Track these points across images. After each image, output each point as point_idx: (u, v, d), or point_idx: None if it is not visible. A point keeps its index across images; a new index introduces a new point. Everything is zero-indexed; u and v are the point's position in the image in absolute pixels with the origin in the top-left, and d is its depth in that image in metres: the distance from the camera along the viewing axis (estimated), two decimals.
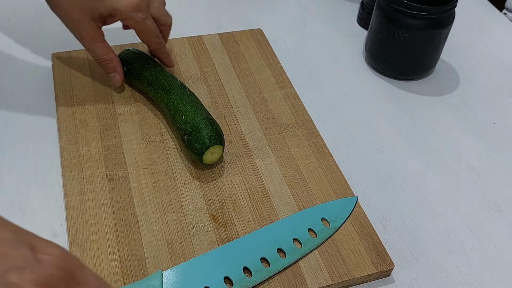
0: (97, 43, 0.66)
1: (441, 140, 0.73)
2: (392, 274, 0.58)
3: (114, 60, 0.68)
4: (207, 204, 0.60)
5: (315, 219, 0.59)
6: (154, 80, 0.68)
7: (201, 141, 0.61)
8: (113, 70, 0.69)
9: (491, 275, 0.59)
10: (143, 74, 0.69)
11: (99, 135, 0.67)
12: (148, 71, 0.69)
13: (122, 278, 0.53)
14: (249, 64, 0.79)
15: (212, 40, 0.83)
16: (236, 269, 0.53)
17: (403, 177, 0.68)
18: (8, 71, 0.77)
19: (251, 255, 0.55)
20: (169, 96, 0.66)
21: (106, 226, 0.57)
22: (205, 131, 0.61)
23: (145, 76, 0.69)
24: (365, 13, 0.90)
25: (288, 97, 0.75)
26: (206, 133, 0.61)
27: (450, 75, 0.85)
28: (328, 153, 0.67)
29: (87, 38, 0.65)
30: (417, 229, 0.62)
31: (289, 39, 0.88)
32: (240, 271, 0.53)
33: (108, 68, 0.69)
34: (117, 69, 0.69)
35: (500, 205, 0.66)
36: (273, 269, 0.54)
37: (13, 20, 0.85)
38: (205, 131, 0.61)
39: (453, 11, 0.76)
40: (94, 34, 0.65)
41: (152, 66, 0.70)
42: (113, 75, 0.69)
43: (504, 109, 0.79)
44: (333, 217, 0.59)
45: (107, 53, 0.67)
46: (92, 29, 0.64)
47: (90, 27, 0.64)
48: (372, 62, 0.83)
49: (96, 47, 0.66)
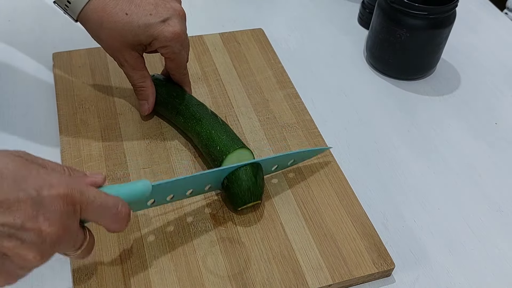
0: (137, 71, 0.65)
1: (442, 140, 0.73)
2: (393, 274, 0.58)
3: (149, 89, 0.67)
4: (207, 204, 0.60)
5: (286, 160, 0.63)
6: (184, 109, 0.66)
7: (241, 196, 0.58)
8: (144, 98, 0.68)
9: (492, 275, 0.59)
10: (171, 102, 0.67)
11: (100, 135, 0.67)
12: (177, 99, 0.67)
13: (122, 278, 0.53)
14: (250, 64, 0.79)
15: (213, 40, 0.83)
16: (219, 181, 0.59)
17: (404, 177, 0.68)
18: (9, 70, 0.77)
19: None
20: (200, 126, 0.63)
21: None
22: (246, 184, 0.57)
23: (173, 105, 0.67)
24: (366, 13, 0.90)
25: (289, 97, 0.75)
26: (248, 187, 0.57)
27: (451, 75, 0.84)
28: (329, 153, 0.67)
29: (128, 66, 0.65)
30: (418, 229, 0.62)
31: (290, 39, 0.88)
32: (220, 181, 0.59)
33: (140, 95, 0.68)
34: (149, 98, 0.67)
35: (501, 205, 0.66)
36: None
37: (14, 20, 0.86)
38: (247, 184, 0.57)
39: (454, 11, 0.76)
40: (134, 62, 0.64)
41: (180, 94, 0.68)
42: (143, 103, 0.68)
43: (505, 109, 0.79)
44: (300, 159, 0.65)
45: (144, 81, 0.66)
46: (133, 57, 0.64)
47: (131, 56, 0.63)
48: (373, 62, 0.83)
49: (135, 74, 0.65)
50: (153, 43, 0.62)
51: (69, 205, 0.41)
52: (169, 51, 0.63)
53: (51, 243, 0.40)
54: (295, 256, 0.56)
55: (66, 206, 0.41)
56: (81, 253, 0.46)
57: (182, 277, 0.54)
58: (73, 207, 0.42)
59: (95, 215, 0.44)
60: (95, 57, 0.77)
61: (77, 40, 0.71)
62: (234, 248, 0.57)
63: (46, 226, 0.40)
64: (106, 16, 0.60)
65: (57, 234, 0.40)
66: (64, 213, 0.41)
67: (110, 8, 0.60)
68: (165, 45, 0.62)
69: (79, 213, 0.43)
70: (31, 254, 0.39)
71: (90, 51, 0.78)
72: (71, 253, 0.45)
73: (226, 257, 0.56)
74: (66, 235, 0.42)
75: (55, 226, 0.40)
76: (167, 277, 0.54)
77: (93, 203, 0.43)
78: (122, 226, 0.47)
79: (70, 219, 0.42)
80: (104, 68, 0.76)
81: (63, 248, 0.44)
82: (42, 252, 0.40)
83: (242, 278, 0.54)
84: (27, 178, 0.40)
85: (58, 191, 0.41)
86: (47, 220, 0.40)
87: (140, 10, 0.60)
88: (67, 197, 0.41)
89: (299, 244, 0.57)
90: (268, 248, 0.57)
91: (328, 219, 0.60)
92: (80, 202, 0.42)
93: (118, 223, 0.46)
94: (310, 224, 0.59)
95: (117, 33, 0.61)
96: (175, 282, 0.53)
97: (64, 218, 0.41)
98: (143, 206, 0.54)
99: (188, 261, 0.55)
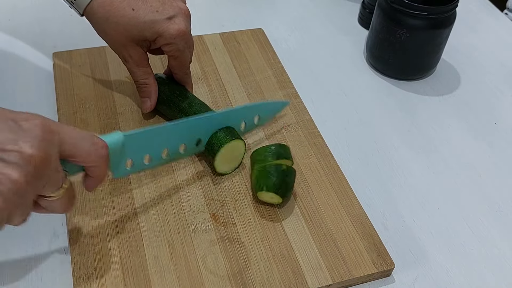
0: (140, 67, 0.66)
1: (442, 140, 0.73)
2: (392, 274, 0.58)
3: (152, 86, 0.67)
4: (207, 204, 0.61)
5: (250, 115, 0.66)
6: (187, 107, 0.66)
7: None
8: (147, 96, 0.68)
9: (491, 275, 0.59)
10: (174, 101, 0.67)
11: (100, 135, 0.67)
12: (180, 98, 0.67)
13: (122, 278, 0.53)
14: (250, 64, 0.79)
15: (213, 39, 0.83)
16: (191, 139, 0.61)
17: (404, 177, 0.68)
18: (9, 70, 0.77)
19: (201, 130, 0.61)
20: None
21: (107, 226, 0.57)
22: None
23: (176, 103, 0.67)
24: (366, 12, 0.90)
25: (289, 97, 0.75)
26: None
27: (451, 75, 0.85)
28: (328, 153, 0.67)
29: (132, 62, 0.65)
30: (417, 229, 0.62)
31: (290, 39, 0.88)
32: (193, 142, 0.62)
33: (143, 92, 0.68)
34: (151, 95, 0.68)
35: (500, 205, 0.66)
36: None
37: (14, 19, 0.86)
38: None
39: (454, 11, 0.76)
40: (138, 59, 0.65)
41: (183, 93, 0.68)
42: (145, 100, 0.68)
43: (504, 109, 0.79)
44: (265, 116, 0.68)
45: (147, 78, 0.67)
46: (137, 53, 0.64)
47: (135, 52, 0.64)
48: (373, 62, 0.83)
49: (138, 70, 0.66)
50: (158, 39, 0.62)
51: (48, 133, 0.43)
52: (173, 49, 0.64)
53: (35, 166, 0.41)
54: (294, 256, 0.56)
55: (44, 133, 0.42)
56: (61, 198, 0.46)
57: (182, 277, 0.54)
58: (51, 135, 0.43)
59: (73, 145, 0.46)
60: (95, 57, 0.77)
61: (77, 39, 0.71)
62: (234, 248, 0.57)
63: (28, 149, 0.41)
64: (113, 10, 0.61)
65: (39, 157, 0.41)
66: (44, 140, 0.42)
67: (118, 3, 0.60)
68: (170, 42, 0.63)
69: (57, 144, 0.44)
70: (15, 173, 0.40)
71: (90, 50, 0.78)
72: (52, 195, 0.46)
73: (226, 257, 0.56)
74: (48, 164, 0.43)
75: (37, 150, 0.41)
76: (167, 277, 0.54)
77: (70, 133, 0.45)
78: (101, 160, 0.48)
79: (50, 147, 0.43)
80: (104, 68, 0.76)
81: (46, 182, 0.44)
82: (26, 174, 0.41)
83: (242, 277, 0.54)
84: (2, 113, 0.42)
85: (35, 121, 0.43)
86: (28, 143, 0.41)
87: (147, 7, 0.61)
88: (45, 125, 0.43)
89: (298, 244, 0.57)
90: (268, 248, 0.57)
91: (327, 219, 0.60)
92: (58, 132, 0.44)
93: (96, 154, 0.48)
94: (309, 224, 0.59)
95: (122, 27, 0.61)
96: (175, 282, 0.53)
97: (45, 144, 0.42)
98: (122, 169, 0.55)
99: (187, 261, 0.55)
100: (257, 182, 0.59)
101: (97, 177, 0.50)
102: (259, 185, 0.59)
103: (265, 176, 0.58)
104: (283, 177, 0.59)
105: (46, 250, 0.57)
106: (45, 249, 0.57)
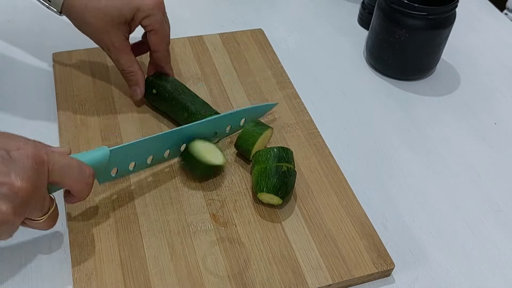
0: (123, 55, 0.67)
1: (442, 140, 0.73)
2: (392, 274, 0.58)
3: (138, 73, 0.68)
4: (207, 204, 0.61)
5: (238, 119, 0.68)
6: (190, 105, 0.67)
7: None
8: (135, 84, 0.69)
9: (491, 275, 0.59)
10: (176, 98, 0.68)
11: (100, 135, 0.67)
12: (182, 95, 0.68)
13: (122, 278, 0.53)
14: (249, 64, 0.79)
15: (213, 40, 0.83)
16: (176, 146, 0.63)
17: (403, 177, 0.68)
18: (9, 71, 0.77)
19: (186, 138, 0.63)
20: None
21: (107, 226, 0.57)
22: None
23: (178, 100, 0.68)
24: (365, 13, 0.90)
25: (289, 97, 0.75)
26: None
27: (451, 75, 0.85)
28: (328, 153, 0.67)
29: (114, 50, 0.66)
30: (417, 229, 0.62)
31: (289, 39, 0.88)
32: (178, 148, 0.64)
33: (130, 81, 0.69)
34: (139, 83, 0.69)
35: (500, 205, 0.66)
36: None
37: (14, 20, 0.86)
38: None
39: (454, 11, 0.76)
40: (120, 45, 0.66)
41: (185, 91, 0.69)
42: (134, 88, 0.69)
43: (504, 109, 0.79)
44: (251, 118, 0.69)
45: (132, 65, 0.68)
46: (119, 39, 0.66)
47: (117, 38, 0.66)
48: (373, 62, 0.83)
49: (122, 58, 0.67)
50: (136, 15, 0.64)
51: (38, 164, 0.45)
52: (152, 21, 0.65)
53: (23, 198, 0.44)
54: (294, 256, 0.56)
55: (35, 165, 0.45)
56: (46, 220, 0.49)
57: (182, 278, 0.54)
58: (41, 167, 0.46)
59: (61, 175, 0.48)
60: (95, 57, 0.77)
61: (77, 40, 0.71)
62: (234, 248, 0.57)
63: (18, 181, 0.43)
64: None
65: (28, 189, 0.44)
66: (34, 171, 0.45)
67: None
68: (148, 14, 0.65)
69: (47, 174, 0.47)
70: (4, 205, 0.43)
71: (90, 51, 0.78)
72: (38, 218, 0.49)
73: (226, 258, 0.56)
74: (36, 193, 0.45)
75: (26, 182, 0.44)
76: (167, 278, 0.54)
77: (59, 163, 0.48)
78: (87, 187, 0.51)
79: (39, 177, 0.46)
80: (104, 68, 0.76)
81: (32, 208, 0.47)
82: (15, 205, 0.44)
83: (242, 278, 0.54)
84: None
85: (27, 151, 0.45)
86: (19, 176, 0.44)
87: None
88: (35, 156, 0.45)
89: (298, 244, 0.57)
90: (268, 248, 0.57)
91: (327, 219, 0.60)
92: (48, 162, 0.46)
93: (83, 182, 0.51)
94: (309, 224, 0.59)
95: (102, 12, 0.63)
96: (175, 283, 0.53)
97: (35, 175, 0.45)
98: (107, 176, 0.57)
99: (188, 262, 0.55)
100: (257, 183, 0.59)
101: (79, 197, 0.52)
102: (259, 186, 0.59)
103: (266, 177, 0.58)
104: (283, 178, 0.59)
105: (46, 250, 0.57)
106: (45, 249, 0.57)
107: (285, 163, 0.60)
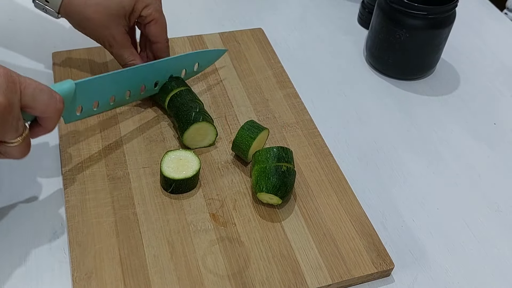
0: (126, 48, 0.68)
1: (441, 140, 0.74)
2: (392, 274, 0.58)
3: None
4: (207, 203, 0.61)
5: (191, 63, 0.72)
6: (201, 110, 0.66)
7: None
8: None
9: (491, 275, 0.59)
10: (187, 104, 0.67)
11: (100, 135, 0.67)
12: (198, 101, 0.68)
13: (122, 277, 0.53)
14: (249, 64, 0.79)
15: (213, 39, 0.83)
16: (136, 87, 0.66)
17: (403, 177, 0.68)
18: None
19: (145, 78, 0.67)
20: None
21: (107, 225, 0.57)
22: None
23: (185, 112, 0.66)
24: (365, 12, 0.90)
25: (289, 97, 0.75)
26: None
27: (451, 75, 0.85)
28: (328, 152, 0.68)
29: (116, 44, 0.67)
30: (417, 229, 0.62)
31: (290, 39, 0.88)
32: (138, 89, 0.67)
33: None
34: None
35: (500, 205, 0.66)
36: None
37: (14, 19, 0.86)
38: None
39: (453, 11, 0.76)
40: (122, 40, 0.67)
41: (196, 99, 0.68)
42: None
43: (504, 110, 0.80)
44: (204, 63, 0.74)
45: (134, 59, 0.68)
46: (120, 34, 0.66)
47: (118, 32, 0.66)
48: (373, 62, 0.84)
49: (125, 52, 0.68)
50: (136, 6, 0.65)
51: (10, 82, 0.46)
52: (152, 11, 0.67)
53: (1, 111, 0.45)
54: (294, 256, 0.56)
55: (7, 83, 0.46)
56: (20, 144, 0.50)
57: (182, 277, 0.54)
58: (14, 86, 0.47)
59: (33, 97, 0.49)
60: (94, 57, 0.77)
61: (77, 39, 0.71)
62: (234, 248, 0.57)
63: None
64: None
65: (4, 104, 0.45)
66: (7, 89, 0.46)
67: None
68: (148, 4, 0.66)
69: (19, 94, 0.47)
70: None
71: (90, 50, 0.78)
72: (13, 140, 0.49)
73: (226, 257, 0.56)
74: (11, 111, 0.46)
75: (2, 96, 0.45)
76: (167, 277, 0.54)
77: (31, 85, 0.49)
78: (56, 113, 0.52)
79: (13, 96, 0.46)
80: (103, 68, 0.76)
81: (9, 127, 0.48)
82: None
83: (242, 277, 0.54)
84: None
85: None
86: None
87: None
88: (7, 75, 0.46)
89: (298, 244, 0.58)
90: (268, 248, 0.57)
91: (327, 218, 0.60)
92: (20, 83, 0.47)
93: (53, 107, 0.51)
94: (309, 223, 0.59)
95: (102, 6, 0.64)
96: (175, 282, 0.53)
97: (8, 92, 0.46)
98: (73, 114, 0.60)
99: (187, 261, 0.55)
100: (256, 183, 0.59)
101: (47, 128, 0.53)
102: (258, 186, 0.59)
103: (265, 177, 0.58)
104: (283, 178, 0.59)
105: (46, 250, 0.57)
106: (45, 249, 0.57)
107: (285, 163, 0.60)
